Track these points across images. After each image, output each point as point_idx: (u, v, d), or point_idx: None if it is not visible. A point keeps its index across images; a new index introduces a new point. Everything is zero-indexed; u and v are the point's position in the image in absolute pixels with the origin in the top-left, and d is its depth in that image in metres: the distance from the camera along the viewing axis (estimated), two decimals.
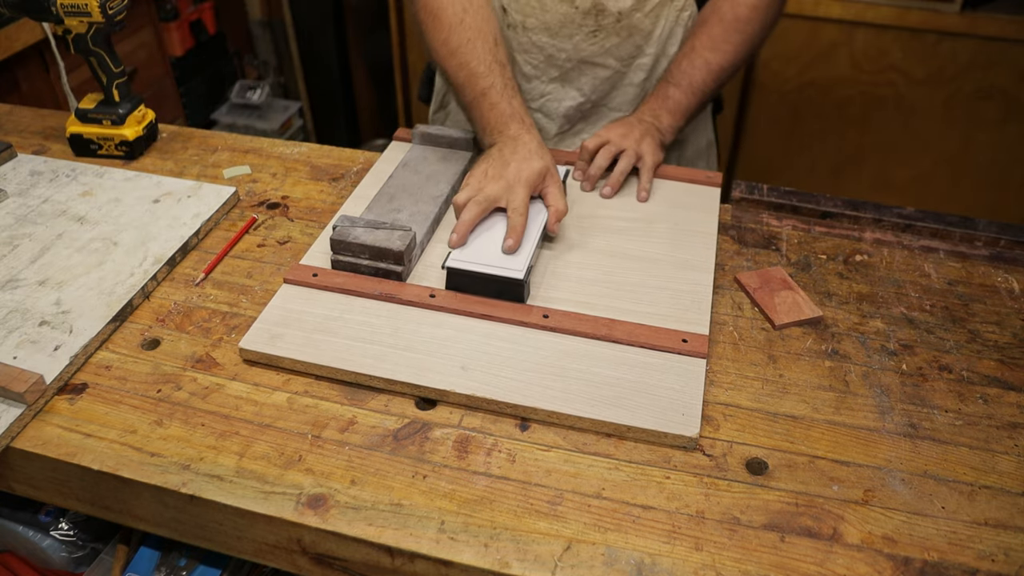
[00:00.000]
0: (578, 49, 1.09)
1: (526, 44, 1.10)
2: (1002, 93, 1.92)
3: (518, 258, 0.83)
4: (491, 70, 0.95)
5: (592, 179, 0.99)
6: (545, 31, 1.08)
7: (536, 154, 0.89)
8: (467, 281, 0.82)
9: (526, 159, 0.88)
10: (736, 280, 0.88)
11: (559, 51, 1.09)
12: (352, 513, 0.63)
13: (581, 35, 1.07)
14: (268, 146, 1.13)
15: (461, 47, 0.96)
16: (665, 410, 0.70)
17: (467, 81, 0.96)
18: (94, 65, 1.04)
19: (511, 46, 1.11)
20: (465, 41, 0.96)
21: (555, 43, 1.09)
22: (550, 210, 0.89)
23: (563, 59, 1.10)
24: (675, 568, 0.60)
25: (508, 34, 1.10)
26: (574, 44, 1.08)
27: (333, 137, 2.78)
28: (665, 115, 1.03)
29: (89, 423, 0.71)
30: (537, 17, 1.07)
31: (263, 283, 0.87)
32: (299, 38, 2.62)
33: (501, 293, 0.81)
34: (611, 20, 1.06)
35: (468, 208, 0.86)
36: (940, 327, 0.83)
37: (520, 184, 0.86)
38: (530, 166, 0.88)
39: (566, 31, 1.07)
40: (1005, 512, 0.65)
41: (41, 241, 0.91)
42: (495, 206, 0.87)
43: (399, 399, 0.74)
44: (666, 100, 1.03)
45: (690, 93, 1.03)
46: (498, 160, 0.89)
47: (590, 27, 1.06)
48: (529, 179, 0.87)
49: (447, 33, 0.97)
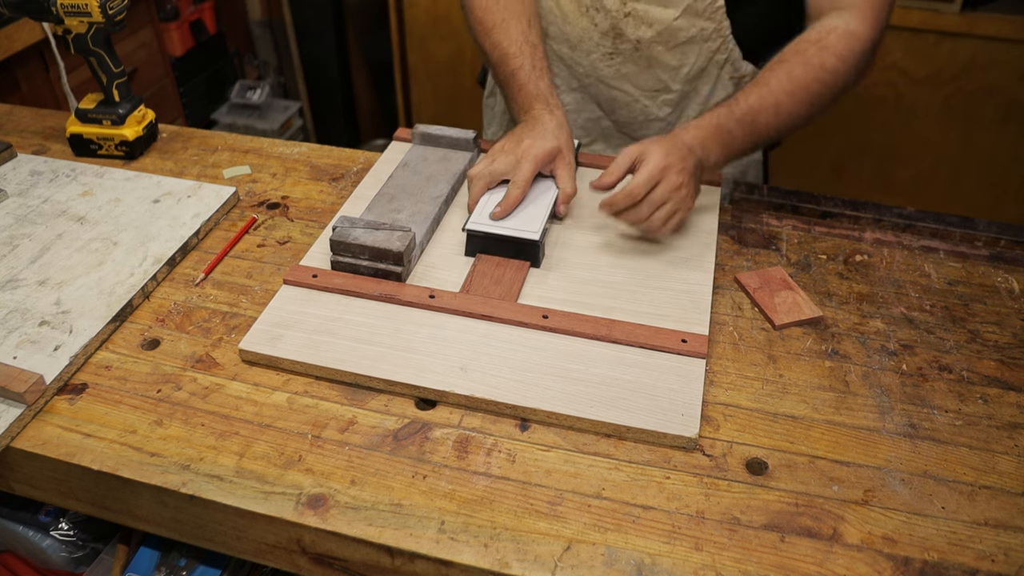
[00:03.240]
0: (595, 68, 1.08)
1: (549, 52, 1.10)
2: (1002, 93, 1.92)
3: (534, 221, 0.87)
4: (521, 51, 0.98)
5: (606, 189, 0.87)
6: (565, 42, 1.08)
7: (552, 134, 0.91)
8: (486, 243, 0.87)
9: (540, 137, 0.90)
10: (736, 280, 0.88)
11: (577, 65, 1.09)
12: (352, 513, 0.63)
13: (598, 54, 1.06)
14: (268, 146, 1.13)
15: (496, 27, 1.00)
16: (665, 410, 0.70)
17: (500, 61, 0.99)
18: (94, 65, 1.04)
19: None
20: (500, 21, 1.00)
21: (574, 56, 1.08)
22: (559, 192, 0.91)
23: (581, 73, 1.10)
24: (675, 568, 0.60)
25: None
26: (591, 62, 1.08)
27: (333, 137, 2.78)
28: (716, 149, 0.89)
29: (89, 423, 0.71)
30: (559, 27, 1.07)
31: (263, 283, 0.87)
32: (299, 38, 2.62)
33: (518, 253, 0.87)
34: (629, 47, 1.04)
35: (474, 183, 0.91)
36: (940, 327, 0.83)
37: (527, 160, 0.89)
38: (542, 145, 0.90)
39: (584, 47, 1.07)
40: (1005, 512, 0.65)
41: (41, 241, 0.91)
42: (502, 179, 0.91)
43: (399, 399, 0.74)
44: (724, 134, 0.89)
45: (750, 134, 0.90)
46: (515, 137, 0.92)
47: (607, 48, 1.05)
48: (537, 156, 0.89)
49: (483, 12, 1.02)
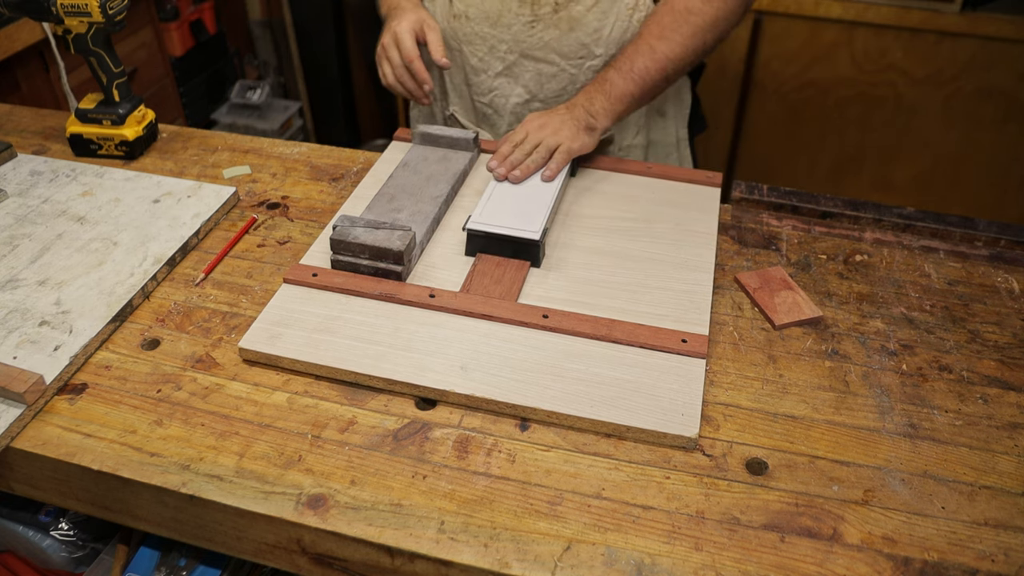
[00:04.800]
0: (518, 40, 1.10)
1: (470, 35, 1.13)
2: (1002, 93, 1.92)
3: (534, 220, 0.88)
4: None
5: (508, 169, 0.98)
6: (485, 20, 1.11)
7: (412, 12, 1.10)
8: (486, 243, 0.87)
9: (404, 17, 1.09)
10: (736, 280, 0.88)
11: (500, 41, 1.11)
12: (352, 513, 0.63)
13: (519, 24, 1.09)
14: (268, 146, 1.13)
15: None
16: (665, 410, 0.70)
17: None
18: (94, 65, 1.04)
19: (458, 37, 1.15)
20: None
21: (495, 33, 1.11)
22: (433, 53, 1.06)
23: (504, 50, 1.12)
24: (675, 568, 0.60)
25: (455, 25, 1.14)
26: (513, 34, 1.10)
27: (333, 137, 2.78)
28: (600, 97, 1.00)
29: (89, 423, 0.71)
30: (477, 6, 1.11)
31: (263, 283, 0.87)
32: (299, 38, 2.62)
33: (518, 253, 0.87)
34: (548, 10, 1.07)
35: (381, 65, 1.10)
36: (940, 327, 0.83)
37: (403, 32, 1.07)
38: (407, 17, 1.08)
39: (504, 20, 1.09)
40: (1005, 512, 0.65)
41: (41, 241, 0.91)
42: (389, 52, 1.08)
43: (399, 399, 0.74)
44: (603, 83, 1.01)
45: (630, 79, 1.00)
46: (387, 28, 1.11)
47: (527, 17, 1.08)
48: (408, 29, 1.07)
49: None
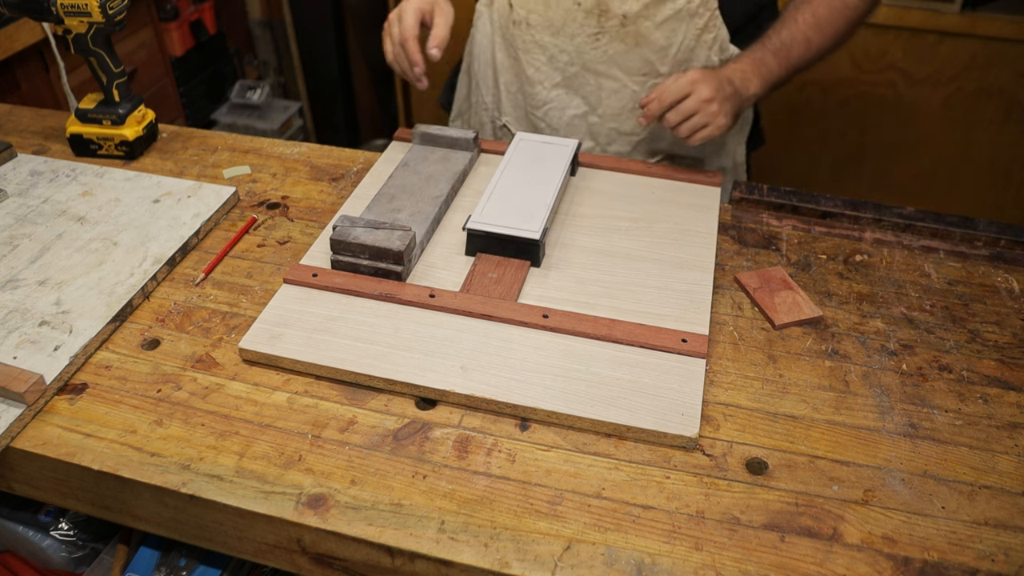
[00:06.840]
0: (580, 52, 1.08)
1: (529, 43, 1.10)
2: (1002, 93, 1.92)
3: (534, 220, 0.87)
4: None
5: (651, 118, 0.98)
6: (547, 28, 1.08)
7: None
8: (486, 242, 0.87)
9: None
10: (736, 280, 0.88)
11: (561, 52, 1.09)
12: (352, 513, 0.63)
13: (583, 36, 1.06)
14: (268, 146, 1.13)
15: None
16: (665, 410, 0.70)
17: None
18: (94, 65, 1.04)
19: (516, 45, 1.11)
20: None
21: (557, 42, 1.08)
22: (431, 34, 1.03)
23: (565, 61, 1.10)
24: (675, 568, 0.60)
25: (514, 32, 1.11)
26: (576, 46, 1.07)
27: (333, 137, 2.78)
28: (755, 81, 0.99)
29: (89, 423, 0.71)
30: (540, 13, 1.08)
31: (263, 283, 0.87)
32: (299, 38, 2.62)
33: (519, 253, 0.87)
34: (615, 23, 1.05)
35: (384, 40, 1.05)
36: (940, 327, 0.83)
37: (408, 9, 1.04)
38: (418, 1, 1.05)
39: (568, 30, 1.07)
40: (1005, 512, 0.65)
41: (41, 241, 0.91)
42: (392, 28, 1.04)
43: (399, 399, 0.74)
44: (761, 66, 0.99)
45: (786, 67, 1.00)
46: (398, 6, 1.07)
47: (592, 28, 1.06)
48: (418, 6, 1.03)
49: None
